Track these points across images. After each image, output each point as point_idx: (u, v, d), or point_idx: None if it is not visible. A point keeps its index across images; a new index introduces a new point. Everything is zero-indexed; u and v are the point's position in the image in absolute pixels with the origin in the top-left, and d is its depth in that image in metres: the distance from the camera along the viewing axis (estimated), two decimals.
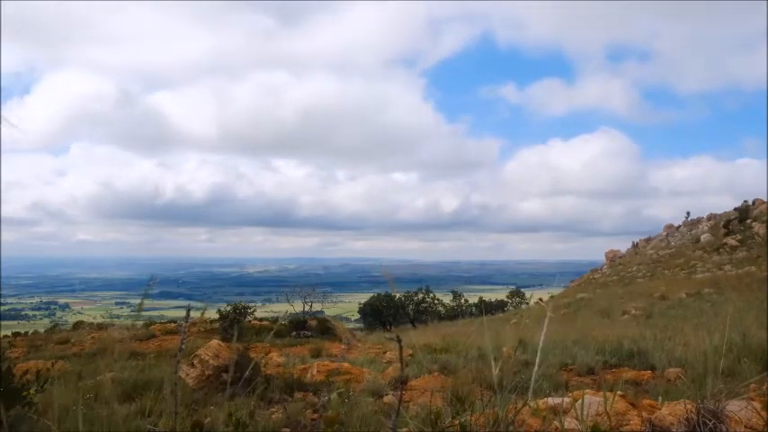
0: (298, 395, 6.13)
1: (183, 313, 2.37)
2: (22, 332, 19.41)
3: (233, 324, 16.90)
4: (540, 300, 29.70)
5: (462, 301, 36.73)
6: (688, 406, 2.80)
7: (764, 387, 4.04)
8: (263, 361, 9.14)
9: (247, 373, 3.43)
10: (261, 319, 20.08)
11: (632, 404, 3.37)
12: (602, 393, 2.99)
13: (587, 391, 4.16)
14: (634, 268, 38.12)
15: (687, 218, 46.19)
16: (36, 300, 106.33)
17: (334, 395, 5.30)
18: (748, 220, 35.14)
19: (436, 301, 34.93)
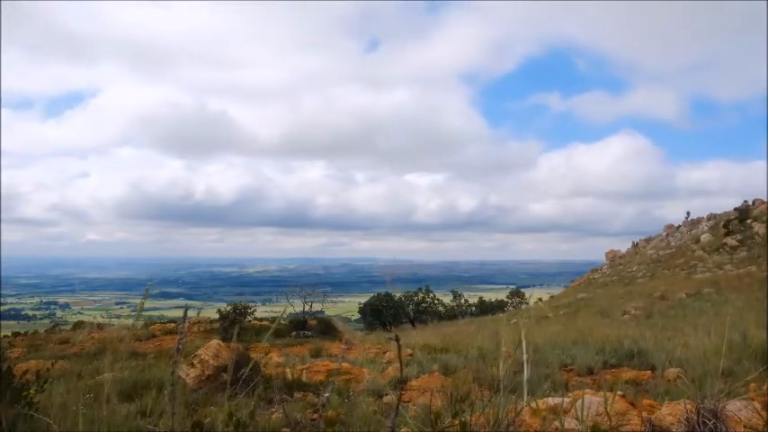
0: (298, 395, 6.13)
1: (182, 313, 2.36)
2: (22, 332, 19.38)
3: (233, 324, 16.89)
4: (540, 300, 29.72)
5: (462, 301, 36.74)
6: (688, 406, 2.80)
7: (764, 387, 4.04)
8: (263, 361, 9.14)
9: (247, 372, 3.42)
10: (261, 319, 20.07)
11: (632, 404, 3.37)
12: (602, 393, 2.99)
13: (587, 391, 4.16)
14: (634, 268, 38.14)
15: (687, 218, 46.20)
16: (36, 300, 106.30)
17: (333, 395, 5.30)
18: (748, 220, 35.14)
19: (436, 301, 34.92)
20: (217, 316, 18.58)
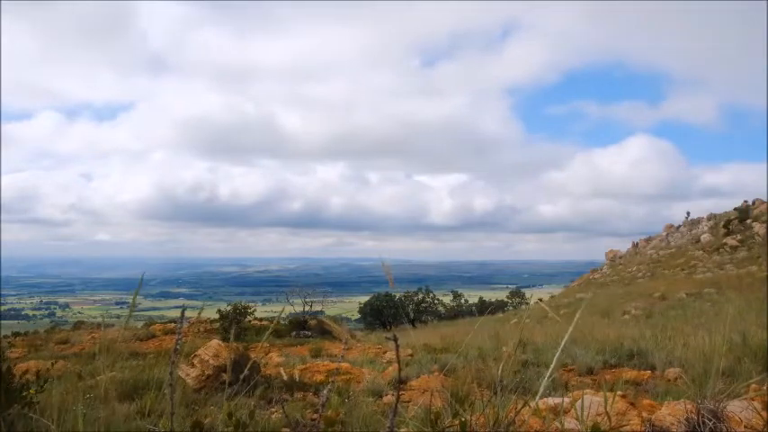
0: (298, 395, 6.13)
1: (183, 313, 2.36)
2: (22, 332, 19.38)
3: (233, 324, 16.89)
4: (540, 300, 29.72)
5: (462, 301, 36.76)
6: (688, 406, 2.80)
7: (765, 387, 4.04)
8: (263, 361, 9.14)
9: (247, 372, 3.42)
10: (261, 319, 20.07)
11: (632, 404, 3.37)
12: (602, 393, 2.98)
13: (587, 391, 4.16)
14: (634, 268, 38.12)
15: (687, 218, 46.18)
16: (36, 300, 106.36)
17: (333, 395, 5.30)
18: (748, 220, 35.14)
19: (436, 301, 34.94)
20: (217, 316, 18.58)
